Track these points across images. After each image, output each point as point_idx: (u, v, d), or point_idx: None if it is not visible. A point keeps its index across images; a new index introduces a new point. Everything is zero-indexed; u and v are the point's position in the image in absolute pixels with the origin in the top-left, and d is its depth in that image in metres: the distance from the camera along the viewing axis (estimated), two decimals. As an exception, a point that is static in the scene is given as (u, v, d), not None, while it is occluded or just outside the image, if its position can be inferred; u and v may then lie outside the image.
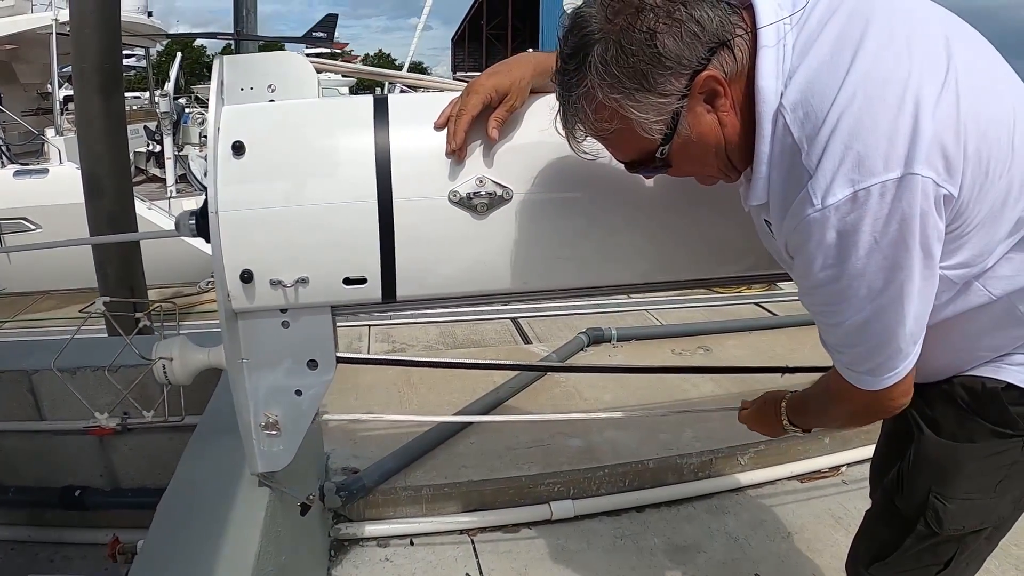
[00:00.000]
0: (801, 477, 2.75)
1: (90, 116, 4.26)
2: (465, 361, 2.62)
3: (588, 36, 0.96)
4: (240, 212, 1.22)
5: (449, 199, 1.23)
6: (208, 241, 1.28)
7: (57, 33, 10.26)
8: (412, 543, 2.33)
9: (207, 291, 7.01)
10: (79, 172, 8.35)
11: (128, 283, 4.76)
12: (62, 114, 10.33)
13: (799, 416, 1.41)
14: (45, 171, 8.97)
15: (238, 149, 1.22)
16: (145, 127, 10.21)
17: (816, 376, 1.33)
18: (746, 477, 2.70)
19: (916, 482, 1.28)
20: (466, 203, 1.24)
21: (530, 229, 1.27)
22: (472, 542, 2.34)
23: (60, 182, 8.72)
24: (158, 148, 10.15)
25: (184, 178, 10.38)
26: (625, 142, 1.04)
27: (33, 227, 8.73)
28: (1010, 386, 1.15)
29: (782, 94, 0.97)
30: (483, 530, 2.38)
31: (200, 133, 11.33)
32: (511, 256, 1.29)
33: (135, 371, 2.16)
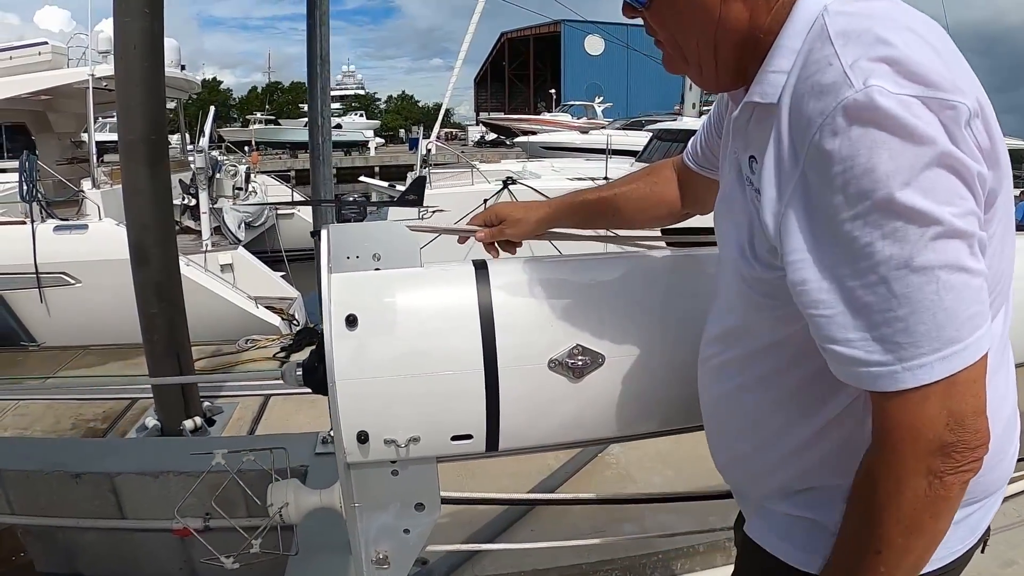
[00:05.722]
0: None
1: (137, 187, 4.42)
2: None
3: None
4: (356, 381, 1.32)
5: (548, 366, 1.35)
6: (315, 392, 1.40)
7: (93, 88, 10.61)
8: (481, 632, 2.43)
9: (247, 349, 7.14)
10: (118, 228, 8.61)
11: (175, 349, 4.86)
12: (98, 166, 10.62)
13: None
14: (85, 227, 9.20)
15: (351, 322, 1.32)
16: (180, 181, 10.45)
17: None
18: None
19: None
20: (564, 368, 1.35)
21: (622, 388, 1.38)
22: (538, 630, 2.44)
23: (100, 238, 8.95)
24: (193, 202, 10.37)
25: (218, 230, 10.62)
26: None
27: (73, 282, 8.95)
28: (792, 571, 1.04)
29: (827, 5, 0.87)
30: (548, 618, 2.48)
31: (233, 186, 11.58)
32: (604, 412, 1.39)
33: (218, 476, 2.29)
